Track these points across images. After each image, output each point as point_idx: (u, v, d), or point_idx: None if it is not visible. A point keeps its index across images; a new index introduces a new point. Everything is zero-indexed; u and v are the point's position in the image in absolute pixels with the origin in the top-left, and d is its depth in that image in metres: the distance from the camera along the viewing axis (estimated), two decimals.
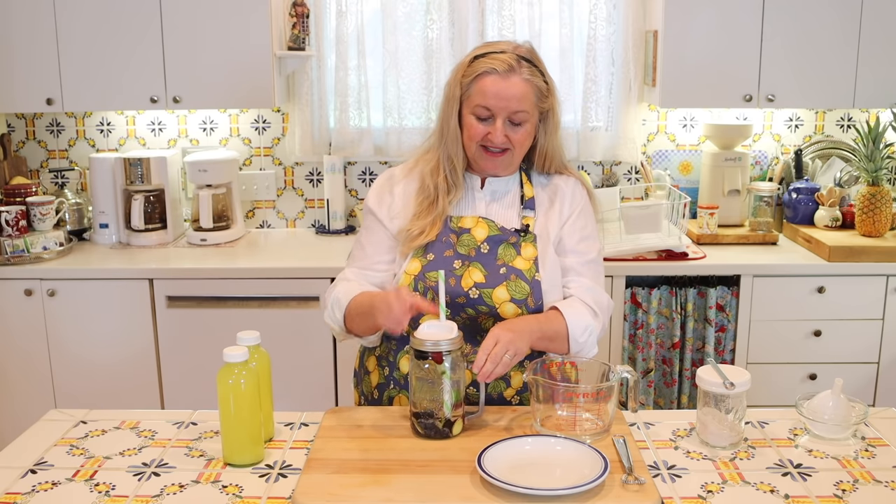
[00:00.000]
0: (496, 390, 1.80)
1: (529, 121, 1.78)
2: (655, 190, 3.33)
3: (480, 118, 1.77)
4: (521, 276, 1.77)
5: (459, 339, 1.59)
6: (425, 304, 1.64)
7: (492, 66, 1.74)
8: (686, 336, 2.97)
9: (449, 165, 1.82)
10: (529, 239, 1.81)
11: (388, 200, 1.88)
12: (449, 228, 1.82)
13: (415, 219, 1.83)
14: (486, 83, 1.74)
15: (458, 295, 1.76)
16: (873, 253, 2.91)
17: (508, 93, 1.73)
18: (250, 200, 3.51)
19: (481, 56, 1.77)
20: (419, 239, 1.80)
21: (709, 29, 3.05)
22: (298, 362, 2.95)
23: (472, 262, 1.79)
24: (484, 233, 1.81)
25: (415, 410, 1.60)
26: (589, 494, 1.38)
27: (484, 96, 1.74)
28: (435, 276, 1.74)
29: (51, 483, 1.49)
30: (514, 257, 1.80)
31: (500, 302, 1.76)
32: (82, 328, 2.96)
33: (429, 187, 1.84)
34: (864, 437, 1.66)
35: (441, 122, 1.84)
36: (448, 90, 1.82)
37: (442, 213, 1.82)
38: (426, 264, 1.78)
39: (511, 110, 1.74)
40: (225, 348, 1.51)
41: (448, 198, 1.82)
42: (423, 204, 1.84)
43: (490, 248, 1.80)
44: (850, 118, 3.43)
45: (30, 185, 3.23)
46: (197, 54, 3.05)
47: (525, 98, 1.75)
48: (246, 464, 1.55)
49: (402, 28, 3.31)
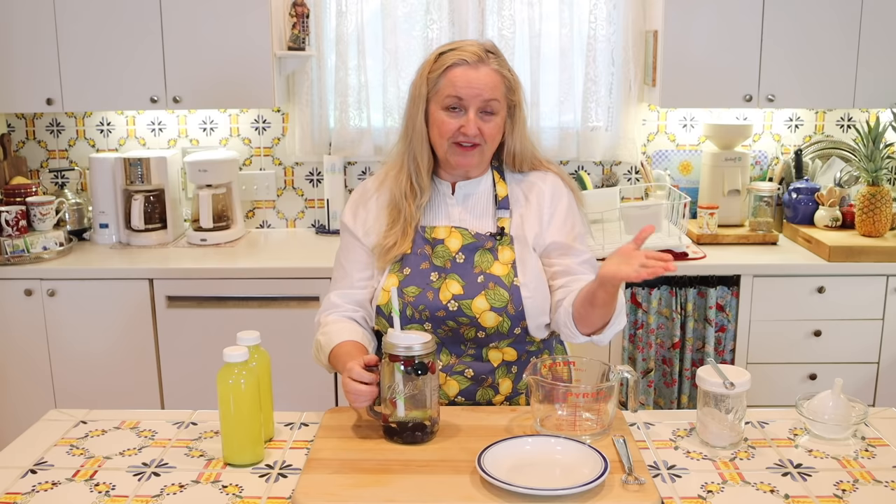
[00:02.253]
0: (485, 398, 1.80)
1: (500, 112, 1.77)
2: (655, 190, 3.33)
3: (451, 109, 1.75)
4: (499, 283, 1.75)
5: (425, 346, 1.56)
6: (367, 363, 1.61)
7: (461, 57, 1.74)
8: (686, 336, 2.97)
9: (413, 167, 1.80)
10: (506, 242, 1.79)
11: (363, 215, 1.87)
12: (423, 239, 1.80)
13: (386, 230, 1.81)
14: (455, 74, 1.73)
15: (438, 308, 1.75)
16: (873, 253, 2.91)
17: (480, 82, 1.73)
18: (250, 200, 3.51)
19: (447, 52, 1.77)
20: (393, 251, 1.78)
21: (709, 29, 3.05)
22: (298, 362, 2.94)
23: (449, 273, 1.77)
24: (458, 242, 1.79)
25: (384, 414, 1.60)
26: (589, 494, 1.38)
27: (454, 87, 1.73)
28: (414, 292, 1.75)
29: (51, 483, 1.49)
30: (492, 263, 1.77)
31: (479, 312, 1.74)
32: (82, 328, 2.96)
33: (394, 195, 1.82)
34: (864, 437, 1.66)
35: (407, 123, 1.82)
36: (413, 89, 1.80)
37: (410, 219, 1.79)
38: (402, 279, 1.77)
39: (483, 99, 1.73)
40: (225, 348, 1.51)
41: (415, 202, 1.80)
42: (392, 214, 1.82)
43: (466, 258, 1.78)
44: (850, 118, 3.43)
45: (30, 185, 3.23)
46: (197, 54, 3.05)
47: (496, 87, 1.74)
48: (246, 464, 1.55)
49: (402, 28, 3.31)
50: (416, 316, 1.76)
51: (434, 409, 1.59)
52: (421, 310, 1.75)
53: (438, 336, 1.77)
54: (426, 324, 1.76)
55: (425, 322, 1.76)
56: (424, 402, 1.57)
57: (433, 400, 1.58)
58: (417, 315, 1.76)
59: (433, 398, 1.58)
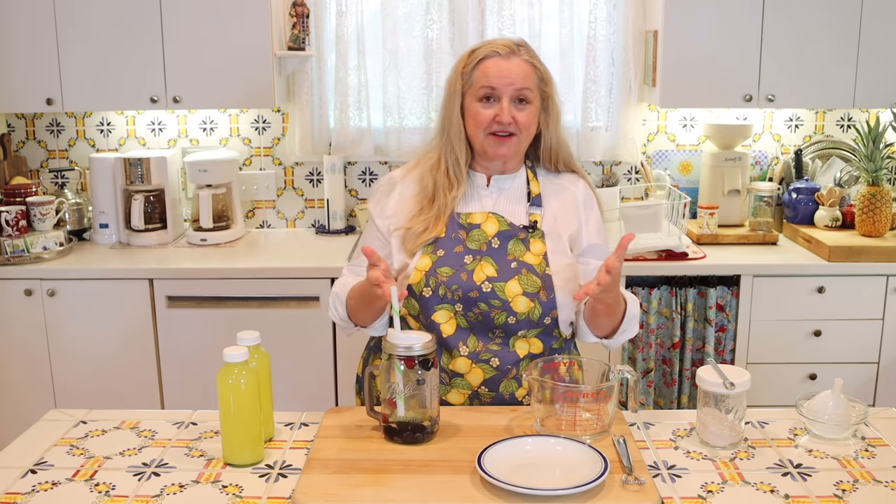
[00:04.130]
0: (508, 390, 1.80)
1: (533, 102, 1.80)
2: (655, 190, 3.33)
3: (486, 100, 1.79)
4: (532, 271, 1.78)
5: (425, 345, 1.56)
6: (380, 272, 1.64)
7: (493, 49, 1.80)
8: (686, 336, 2.97)
9: (452, 159, 1.84)
10: (537, 235, 1.82)
11: (385, 202, 1.90)
12: (458, 224, 1.83)
13: (415, 216, 1.84)
14: (488, 65, 1.78)
15: (471, 289, 1.76)
16: (873, 253, 2.91)
17: (512, 71, 1.77)
18: (250, 200, 3.51)
19: (479, 47, 1.82)
20: (424, 235, 1.81)
21: (709, 29, 3.05)
22: (298, 362, 2.95)
23: (484, 256, 1.79)
24: (494, 228, 1.82)
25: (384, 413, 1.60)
26: (589, 494, 1.38)
27: (487, 77, 1.78)
28: (447, 273, 1.76)
29: (51, 483, 1.49)
30: (524, 252, 1.80)
31: (512, 296, 1.76)
32: (82, 328, 2.96)
33: (427, 185, 1.85)
34: (864, 437, 1.66)
35: (443, 118, 1.86)
36: (449, 85, 1.85)
37: (445, 209, 1.82)
38: (436, 260, 1.79)
39: (516, 87, 1.77)
40: (225, 348, 1.51)
41: (451, 194, 1.83)
42: (422, 202, 1.85)
43: (501, 243, 1.81)
44: (850, 118, 3.43)
45: (30, 185, 3.23)
46: (197, 54, 3.05)
47: (528, 77, 1.79)
48: (246, 464, 1.55)
49: (402, 28, 3.31)
50: (449, 296, 1.76)
51: (434, 409, 1.59)
52: (454, 289, 1.76)
53: (468, 320, 1.77)
54: (457, 304, 1.76)
55: (456, 303, 1.76)
56: (424, 402, 1.57)
57: (433, 400, 1.58)
58: (450, 295, 1.76)
59: (433, 398, 1.58)
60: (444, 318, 1.76)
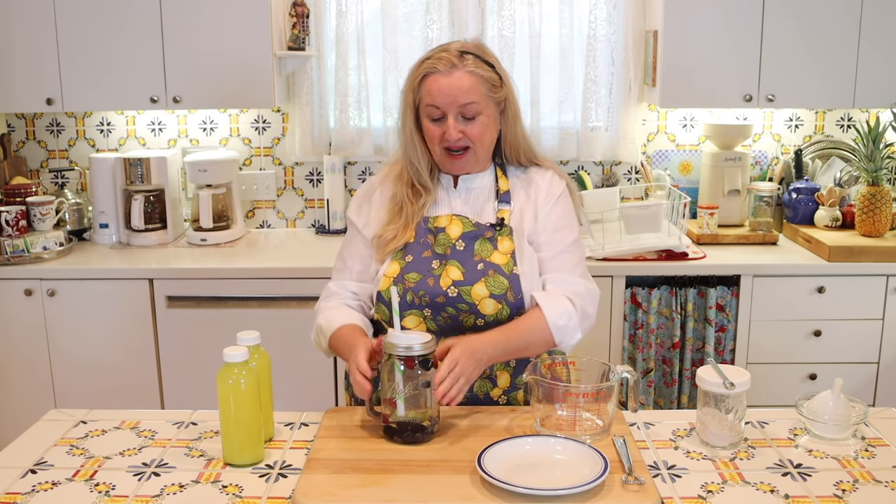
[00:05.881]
0: (482, 390, 1.80)
1: (483, 112, 1.78)
2: (655, 190, 3.33)
3: (434, 119, 1.78)
4: (499, 271, 1.77)
5: (425, 345, 1.57)
6: (373, 349, 1.64)
7: (433, 66, 1.76)
8: (686, 336, 2.97)
9: (413, 171, 1.84)
10: (505, 233, 1.82)
11: (366, 209, 1.91)
12: (426, 230, 1.83)
13: (386, 224, 1.85)
14: (429, 83, 1.76)
15: (438, 294, 1.76)
16: (873, 253, 2.91)
17: (452, 88, 1.74)
18: (250, 200, 3.51)
19: (425, 60, 1.79)
20: (392, 243, 1.82)
21: (709, 29, 3.05)
22: (298, 362, 2.94)
23: (449, 260, 1.79)
24: (458, 230, 1.82)
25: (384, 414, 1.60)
26: (589, 494, 1.38)
27: (431, 96, 1.76)
28: (415, 278, 1.77)
29: (51, 483, 1.49)
30: (491, 252, 1.80)
31: (479, 298, 1.76)
32: (82, 328, 2.96)
33: (395, 194, 1.87)
34: (864, 437, 1.66)
35: (400, 132, 1.86)
36: (403, 98, 1.83)
37: (412, 217, 1.83)
38: (404, 266, 1.80)
39: (459, 104, 1.75)
40: (225, 348, 1.51)
41: (419, 202, 1.84)
42: (392, 210, 1.86)
43: (466, 245, 1.80)
44: (850, 118, 3.43)
45: (30, 185, 3.23)
46: (197, 54, 3.05)
47: (472, 90, 1.75)
48: (246, 464, 1.55)
49: (402, 28, 3.31)
50: (417, 302, 1.77)
51: (434, 409, 1.59)
52: (421, 295, 1.77)
53: (438, 324, 1.78)
54: (426, 310, 1.77)
55: (425, 308, 1.77)
56: (424, 402, 1.57)
57: (433, 400, 1.58)
58: (417, 301, 1.77)
59: (433, 398, 1.58)
60: (414, 324, 1.78)
